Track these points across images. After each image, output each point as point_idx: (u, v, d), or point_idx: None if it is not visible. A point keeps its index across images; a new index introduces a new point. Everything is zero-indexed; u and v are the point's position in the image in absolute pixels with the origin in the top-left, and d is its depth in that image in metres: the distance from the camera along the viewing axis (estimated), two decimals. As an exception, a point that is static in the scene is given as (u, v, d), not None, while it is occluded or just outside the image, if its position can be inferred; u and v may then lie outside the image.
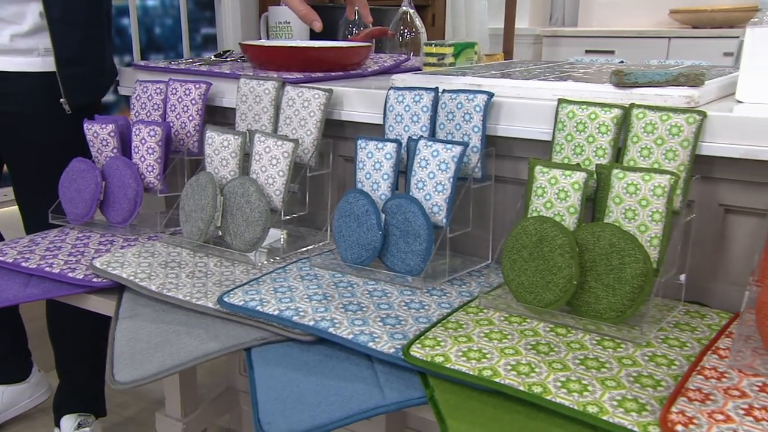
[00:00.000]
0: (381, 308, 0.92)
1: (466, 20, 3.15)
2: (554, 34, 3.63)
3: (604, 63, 1.47)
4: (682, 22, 3.40)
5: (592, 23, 3.82)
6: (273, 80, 1.27)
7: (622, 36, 3.40)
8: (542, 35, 3.65)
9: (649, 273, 0.82)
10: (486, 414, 0.70)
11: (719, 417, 0.64)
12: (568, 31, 3.64)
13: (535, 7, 3.82)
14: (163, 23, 2.83)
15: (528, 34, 3.64)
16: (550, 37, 3.63)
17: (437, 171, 1.02)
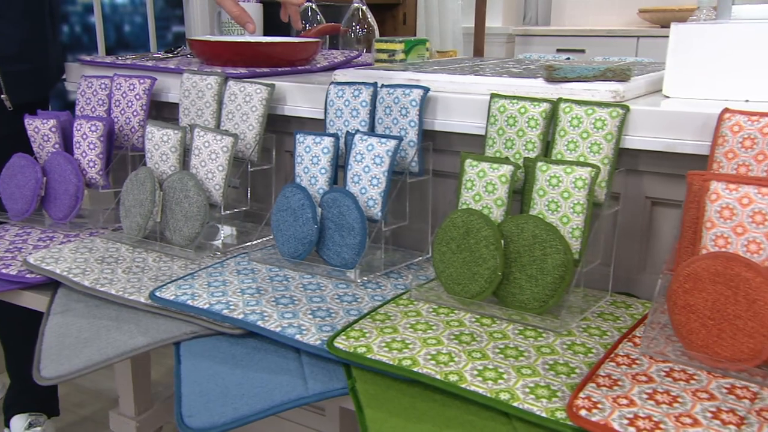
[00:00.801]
0: (313, 301, 0.93)
1: (439, 19, 3.16)
2: (526, 33, 3.67)
3: (549, 59, 1.50)
4: (651, 21, 3.46)
5: (564, 23, 3.86)
6: (215, 75, 1.27)
7: (592, 35, 3.45)
8: (514, 34, 3.68)
9: (570, 263, 0.84)
10: (404, 403, 0.71)
11: (623, 401, 0.66)
12: (540, 30, 3.68)
13: (509, 7, 3.85)
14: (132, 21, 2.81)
15: (501, 33, 3.67)
16: (522, 36, 3.67)
17: (372, 165, 1.02)
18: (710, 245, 0.75)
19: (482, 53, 3.09)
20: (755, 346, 0.69)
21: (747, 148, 0.79)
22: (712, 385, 0.68)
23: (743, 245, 0.73)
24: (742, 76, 0.93)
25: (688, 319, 0.73)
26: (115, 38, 2.76)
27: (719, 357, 0.71)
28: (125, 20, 2.82)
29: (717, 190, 0.75)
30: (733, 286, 0.70)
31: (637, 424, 0.62)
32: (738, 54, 0.92)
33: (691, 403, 0.65)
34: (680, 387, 0.68)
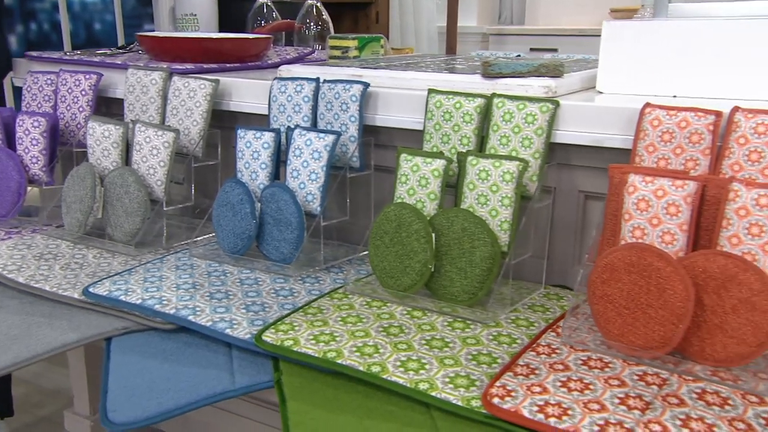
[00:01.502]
0: (248, 296, 0.93)
1: (414, 18, 3.17)
2: (500, 32, 3.70)
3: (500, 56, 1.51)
4: (623, 21, 3.52)
5: (538, 22, 3.90)
6: (160, 70, 1.26)
7: (564, 34, 3.48)
8: (488, 34, 3.71)
9: (497, 256, 0.85)
10: (327, 395, 0.72)
11: (537, 389, 0.67)
12: (513, 29, 3.71)
13: (484, 6, 3.87)
14: (103, 19, 2.78)
15: (476, 33, 3.69)
16: (495, 35, 3.70)
17: (311, 160, 1.03)
18: (628, 236, 0.76)
19: (455, 52, 3.11)
20: (666, 334, 0.71)
21: (666, 141, 0.81)
22: (625, 373, 0.70)
23: (658, 236, 0.74)
24: (669, 73, 0.95)
25: (605, 309, 0.75)
26: (85, 36, 2.73)
27: (633, 345, 0.73)
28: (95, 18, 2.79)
29: (634, 182, 0.76)
30: (646, 275, 0.72)
31: (546, 411, 0.63)
32: (666, 50, 0.94)
33: (601, 390, 0.67)
34: (594, 375, 0.70)
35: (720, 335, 0.69)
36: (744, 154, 0.76)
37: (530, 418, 0.63)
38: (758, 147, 0.76)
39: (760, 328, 0.67)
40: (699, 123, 0.79)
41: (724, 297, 0.69)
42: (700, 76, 0.92)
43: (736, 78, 0.90)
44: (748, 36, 0.87)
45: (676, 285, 0.70)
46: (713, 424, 0.61)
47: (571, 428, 0.61)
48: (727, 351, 0.69)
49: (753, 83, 0.88)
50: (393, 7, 3.02)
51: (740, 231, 0.70)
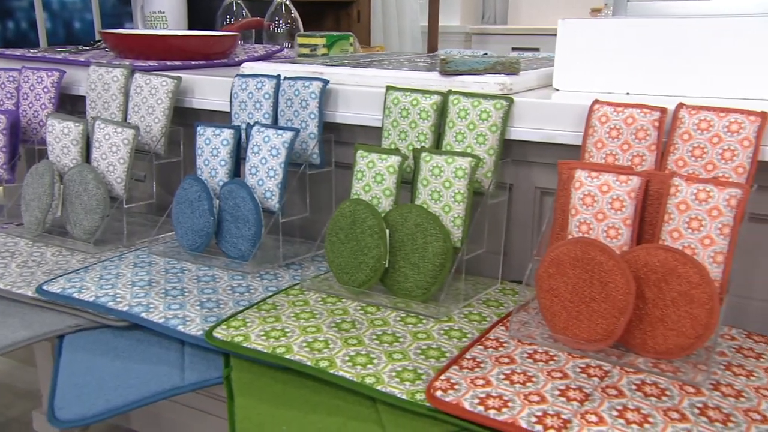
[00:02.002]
0: (204, 293, 0.93)
1: (397, 18, 3.17)
2: (482, 31, 3.71)
3: (468, 54, 1.52)
4: (603, 20, 3.55)
5: (521, 21, 3.92)
6: (121, 67, 1.26)
7: (545, 34, 3.51)
8: (471, 33, 3.72)
9: (449, 251, 0.86)
10: (275, 390, 0.72)
11: (480, 382, 0.68)
12: (495, 29, 3.73)
13: (467, 6, 3.88)
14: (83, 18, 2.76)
15: (458, 32, 3.70)
16: (478, 34, 3.71)
17: (269, 156, 1.03)
18: (575, 231, 0.77)
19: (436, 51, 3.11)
20: (608, 327, 0.72)
21: (613, 138, 0.82)
22: (568, 365, 0.71)
23: (604, 231, 0.75)
24: (622, 70, 0.96)
25: (552, 303, 0.76)
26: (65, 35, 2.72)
27: (578, 338, 0.74)
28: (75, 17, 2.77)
29: (580, 178, 0.77)
30: (590, 269, 0.73)
31: (487, 403, 0.64)
32: (618, 48, 0.95)
33: (543, 382, 0.68)
34: (538, 368, 0.71)
35: (661, 328, 0.70)
36: (688, 149, 0.78)
37: (470, 410, 0.63)
38: (701, 143, 0.77)
39: (698, 321, 0.68)
40: (644, 119, 0.80)
41: (665, 290, 0.70)
42: (651, 73, 0.93)
43: (686, 75, 0.91)
44: (698, 34, 0.89)
45: (618, 279, 0.71)
46: (648, 414, 0.62)
47: (509, 420, 0.62)
48: (667, 343, 0.70)
49: (703, 80, 0.90)
50: (375, 7, 3.02)
51: (680, 225, 0.71)
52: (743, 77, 0.85)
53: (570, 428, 0.60)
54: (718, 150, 0.76)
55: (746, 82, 0.85)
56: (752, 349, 0.76)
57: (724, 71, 0.87)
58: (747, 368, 0.72)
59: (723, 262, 0.70)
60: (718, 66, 0.87)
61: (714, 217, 0.70)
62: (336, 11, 2.97)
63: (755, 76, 0.84)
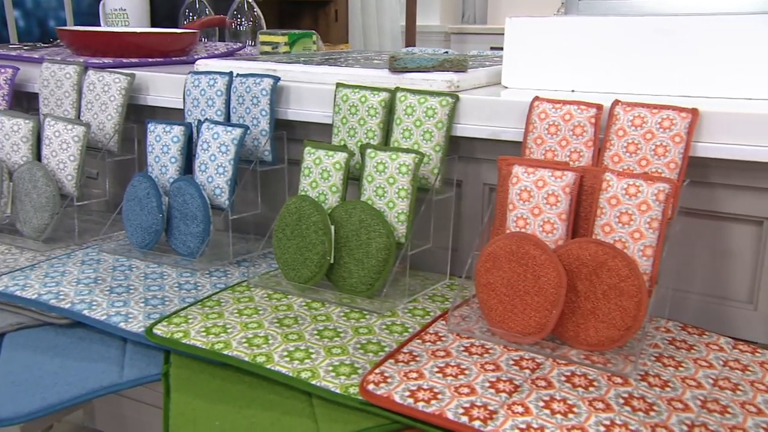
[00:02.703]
0: (150, 290, 0.93)
1: (377, 17, 3.17)
2: (461, 31, 3.73)
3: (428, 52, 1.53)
4: (581, 20, 3.58)
5: (500, 21, 3.94)
6: (75, 64, 1.24)
7: None
8: (450, 33, 3.74)
9: (392, 247, 0.86)
10: (212, 386, 0.72)
11: (413, 375, 0.68)
12: (474, 28, 3.75)
13: (446, 5, 3.89)
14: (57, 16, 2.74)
15: (438, 32, 3.71)
16: (457, 34, 3.72)
17: (218, 153, 1.03)
18: (512, 226, 0.78)
19: (413, 52, 3.12)
20: (541, 320, 0.73)
21: (552, 134, 0.83)
22: (502, 358, 0.72)
23: (540, 225, 0.77)
24: (568, 68, 0.97)
25: (488, 297, 0.77)
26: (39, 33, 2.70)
27: (513, 331, 0.75)
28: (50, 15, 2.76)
29: (517, 174, 0.78)
30: (524, 263, 0.74)
31: (417, 395, 0.65)
32: (563, 46, 0.96)
33: (475, 374, 0.69)
34: (472, 361, 0.71)
35: (592, 320, 0.71)
36: (623, 145, 0.79)
37: (400, 402, 0.64)
38: (635, 139, 0.78)
39: (627, 313, 0.70)
40: (581, 116, 0.82)
41: (596, 283, 0.71)
42: (595, 71, 0.95)
43: (627, 73, 0.92)
44: (637, 33, 0.90)
45: (550, 272, 0.72)
46: (574, 404, 0.63)
47: (436, 412, 0.62)
48: (599, 335, 0.71)
49: (642, 78, 0.91)
50: (355, 6, 3.02)
51: (612, 219, 0.73)
52: (679, 75, 0.87)
53: (495, 419, 0.61)
54: (651, 146, 0.77)
55: (682, 79, 0.87)
56: (685, 341, 0.78)
57: (662, 69, 0.88)
58: (677, 359, 0.73)
59: (652, 256, 0.71)
60: (657, 64, 0.88)
61: (643, 211, 0.71)
62: (314, 10, 2.97)
63: (690, 73, 0.86)
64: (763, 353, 0.76)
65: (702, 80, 0.86)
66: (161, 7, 1.97)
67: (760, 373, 0.72)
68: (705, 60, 0.85)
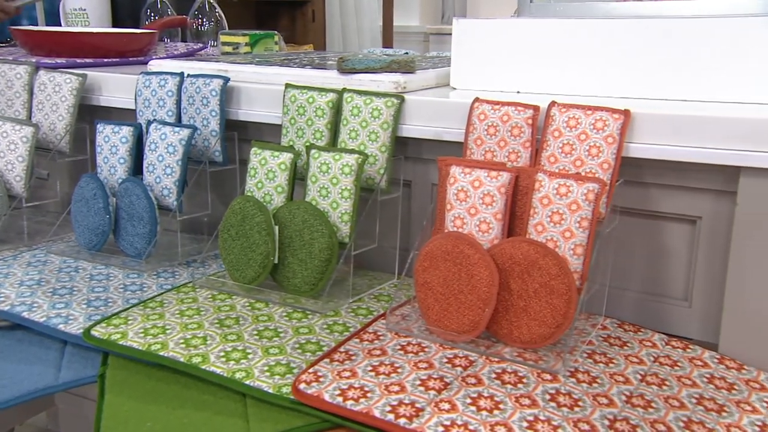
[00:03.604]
0: (94, 291, 0.92)
1: (356, 17, 3.17)
2: (439, 31, 3.74)
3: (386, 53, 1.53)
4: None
5: None
6: (25, 65, 1.23)
7: None
8: (429, 33, 3.74)
9: (335, 247, 0.87)
10: (147, 387, 0.72)
11: (346, 374, 0.69)
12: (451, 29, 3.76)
13: (426, 6, 3.89)
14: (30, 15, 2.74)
15: (417, 32, 3.72)
16: (436, 34, 3.73)
17: (166, 154, 1.02)
18: (450, 226, 0.79)
19: (391, 53, 3.12)
20: (474, 318, 0.74)
21: (491, 135, 0.84)
22: (437, 356, 0.73)
23: (476, 225, 0.77)
24: (513, 69, 0.98)
25: (426, 296, 0.78)
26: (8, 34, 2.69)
27: (449, 329, 0.75)
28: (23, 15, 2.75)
29: (455, 174, 0.79)
30: (458, 262, 0.75)
31: (347, 394, 0.65)
32: (509, 48, 0.98)
33: (408, 372, 0.69)
34: (406, 359, 0.72)
35: (525, 318, 0.73)
36: (558, 146, 0.80)
37: (330, 401, 0.64)
38: (570, 140, 0.80)
39: (557, 310, 0.71)
40: (519, 117, 0.83)
41: (528, 281, 0.72)
42: (540, 72, 0.96)
43: (570, 74, 0.94)
44: (579, 35, 0.92)
45: (483, 271, 0.73)
46: (501, 401, 0.64)
47: (364, 410, 0.63)
48: (531, 333, 0.72)
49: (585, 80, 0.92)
50: (333, 6, 3.02)
51: (544, 219, 0.74)
52: (619, 77, 0.88)
53: (421, 416, 0.62)
54: (585, 146, 0.79)
55: (622, 82, 0.88)
56: (620, 338, 0.79)
57: (601, 71, 0.90)
58: (609, 356, 0.75)
59: (582, 254, 0.72)
60: (596, 66, 0.90)
61: (573, 210, 0.72)
62: (291, 11, 2.96)
63: (628, 76, 0.87)
64: (694, 349, 0.78)
65: (639, 82, 0.88)
66: (123, 7, 1.95)
67: (689, 368, 0.73)
68: (641, 62, 0.87)
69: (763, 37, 0.78)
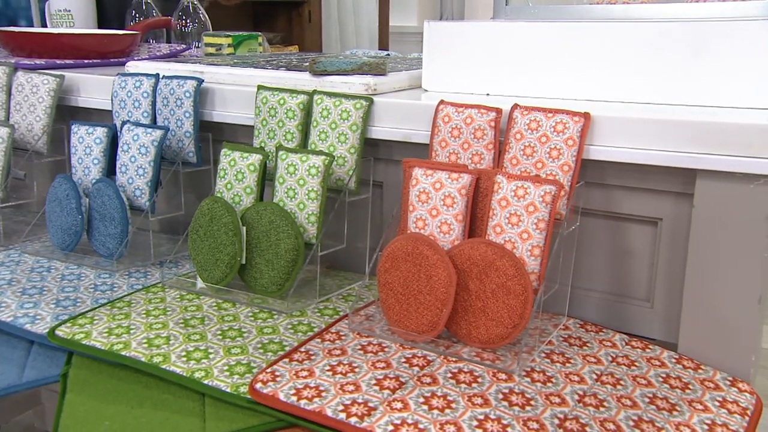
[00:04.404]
0: (64, 291, 0.93)
1: (354, 17, 3.17)
2: None
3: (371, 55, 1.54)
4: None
5: None
6: (4, 65, 1.24)
7: None
8: None
9: (301, 247, 0.88)
10: (108, 386, 0.73)
11: (304, 374, 0.70)
12: None
13: (424, 5, 3.89)
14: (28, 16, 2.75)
15: (415, 32, 3.72)
16: None
17: (138, 155, 1.03)
18: (412, 227, 0.80)
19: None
20: (433, 318, 0.74)
21: (455, 137, 0.85)
22: (395, 356, 0.73)
23: (437, 226, 0.78)
24: (482, 72, 0.99)
25: (387, 296, 0.78)
26: None
27: (408, 329, 0.76)
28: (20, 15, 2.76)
29: (417, 175, 0.80)
30: (418, 263, 0.75)
31: (302, 393, 0.66)
32: (479, 51, 0.98)
33: (364, 372, 0.70)
34: (365, 359, 0.73)
35: (483, 318, 0.73)
36: (520, 148, 0.81)
37: (284, 400, 0.65)
38: (531, 142, 0.80)
39: (514, 311, 0.71)
40: (482, 119, 0.83)
41: (486, 282, 0.73)
42: (508, 75, 0.97)
43: (537, 77, 0.94)
44: (546, 38, 0.92)
45: (441, 272, 0.73)
46: (453, 400, 0.65)
47: (317, 409, 0.63)
48: (489, 333, 0.73)
49: (552, 82, 0.93)
50: (331, 7, 3.02)
51: (502, 220, 0.75)
52: (585, 79, 0.89)
53: (373, 415, 0.62)
54: (546, 149, 0.79)
55: (587, 84, 0.89)
56: (580, 338, 0.80)
57: (568, 73, 0.90)
58: (567, 356, 0.75)
59: (540, 255, 0.73)
60: (563, 68, 0.91)
61: (531, 212, 0.73)
62: (288, 11, 2.97)
63: (594, 78, 0.88)
64: (653, 349, 0.79)
65: (609, 85, 0.88)
66: (110, 9, 1.96)
67: (646, 368, 0.74)
68: (611, 65, 0.87)
69: (724, 42, 0.78)
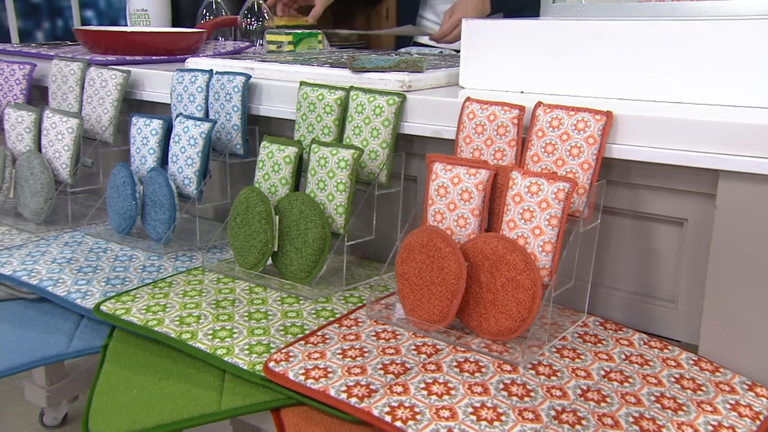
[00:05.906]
0: (116, 270, 1.01)
1: None
2: None
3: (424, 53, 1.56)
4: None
5: None
6: (79, 62, 1.34)
7: None
8: None
9: (328, 237, 0.91)
10: (141, 359, 0.79)
11: (316, 356, 0.73)
12: None
13: None
14: None
15: None
16: None
17: (188, 146, 1.10)
18: (431, 220, 0.82)
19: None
20: (443, 309, 0.76)
21: (479, 133, 0.86)
22: (407, 344, 0.76)
23: (455, 220, 0.80)
24: (518, 69, 0.99)
25: (403, 286, 0.81)
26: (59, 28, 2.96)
27: (422, 318, 0.78)
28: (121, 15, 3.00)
29: (436, 170, 0.82)
30: (431, 255, 0.77)
31: (310, 374, 0.70)
32: (516, 48, 0.99)
33: (373, 357, 0.73)
34: (376, 345, 0.76)
35: (493, 311, 0.74)
36: (542, 146, 0.81)
37: (293, 379, 0.69)
38: (552, 139, 0.81)
39: (523, 305, 0.72)
40: (505, 116, 0.84)
41: (496, 276, 0.74)
42: (543, 73, 0.97)
43: (571, 75, 0.94)
44: (579, 36, 0.92)
45: (452, 264, 0.75)
46: (454, 387, 0.67)
47: (321, 388, 0.67)
48: (498, 325, 0.74)
49: (580, 81, 0.93)
50: None
51: (516, 216, 0.75)
52: (618, 78, 0.88)
53: (373, 397, 0.65)
54: (567, 146, 0.79)
55: (620, 82, 0.88)
56: (597, 335, 0.80)
57: (599, 72, 0.90)
58: (578, 352, 0.75)
59: (551, 251, 0.73)
60: (593, 67, 0.90)
61: (543, 208, 0.74)
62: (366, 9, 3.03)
63: (624, 77, 0.87)
64: (672, 350, 0.77)
65: (644, 84, 0.87)
66: (185, 8, 2.07)
67: (659, 367, 0.73)
68: (635, 64, 0.86)
69: (752, 41, 0.76)
